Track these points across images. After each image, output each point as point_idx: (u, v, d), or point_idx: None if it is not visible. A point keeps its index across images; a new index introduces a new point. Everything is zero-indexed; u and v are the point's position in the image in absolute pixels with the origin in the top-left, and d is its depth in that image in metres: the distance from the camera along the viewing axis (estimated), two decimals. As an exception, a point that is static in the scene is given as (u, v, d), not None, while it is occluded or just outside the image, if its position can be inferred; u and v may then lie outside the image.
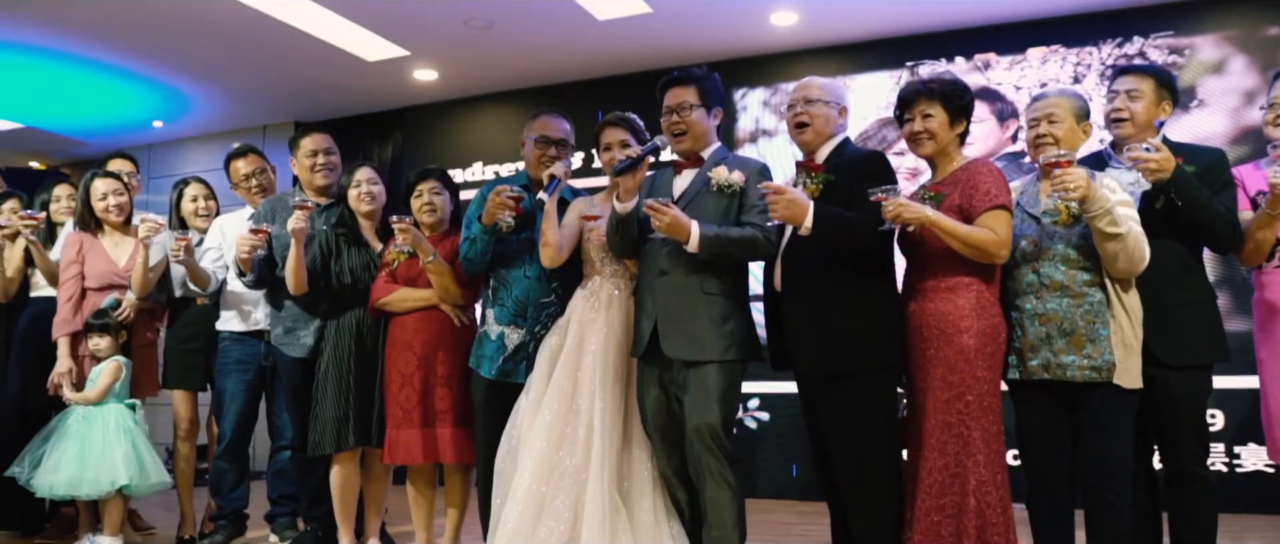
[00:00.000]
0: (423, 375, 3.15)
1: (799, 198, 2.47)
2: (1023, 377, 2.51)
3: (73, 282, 3.73)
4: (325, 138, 3.61)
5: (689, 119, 2.75)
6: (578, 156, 4.99)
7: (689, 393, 2.62)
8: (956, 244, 2.42)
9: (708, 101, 2.77)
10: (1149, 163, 2.45)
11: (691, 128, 2.76)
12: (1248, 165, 2.83)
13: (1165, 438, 2.58)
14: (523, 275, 3.04)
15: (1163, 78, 2.71)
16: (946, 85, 2.63)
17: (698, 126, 2.76)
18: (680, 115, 2.76)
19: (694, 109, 2.75)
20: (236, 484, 3.72)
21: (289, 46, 5.15)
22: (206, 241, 3.82)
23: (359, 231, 3.40)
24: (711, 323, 2.62)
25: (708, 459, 2.59)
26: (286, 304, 3.48)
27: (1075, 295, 2.46)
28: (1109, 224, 2.34)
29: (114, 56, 5.27)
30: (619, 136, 2.92)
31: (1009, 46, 4.87)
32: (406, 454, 3.14)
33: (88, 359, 3.71)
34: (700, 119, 2.76)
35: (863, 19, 4.87)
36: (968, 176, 2.51)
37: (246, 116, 6.58)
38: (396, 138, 6.53)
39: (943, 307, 2.48)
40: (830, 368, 2.52)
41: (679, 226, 2.57)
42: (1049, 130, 2.55)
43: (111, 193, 3.82)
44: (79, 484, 3.43)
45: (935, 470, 2.42)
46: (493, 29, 4.94)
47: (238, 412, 3.67)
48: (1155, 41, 4.62)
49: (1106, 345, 2.42)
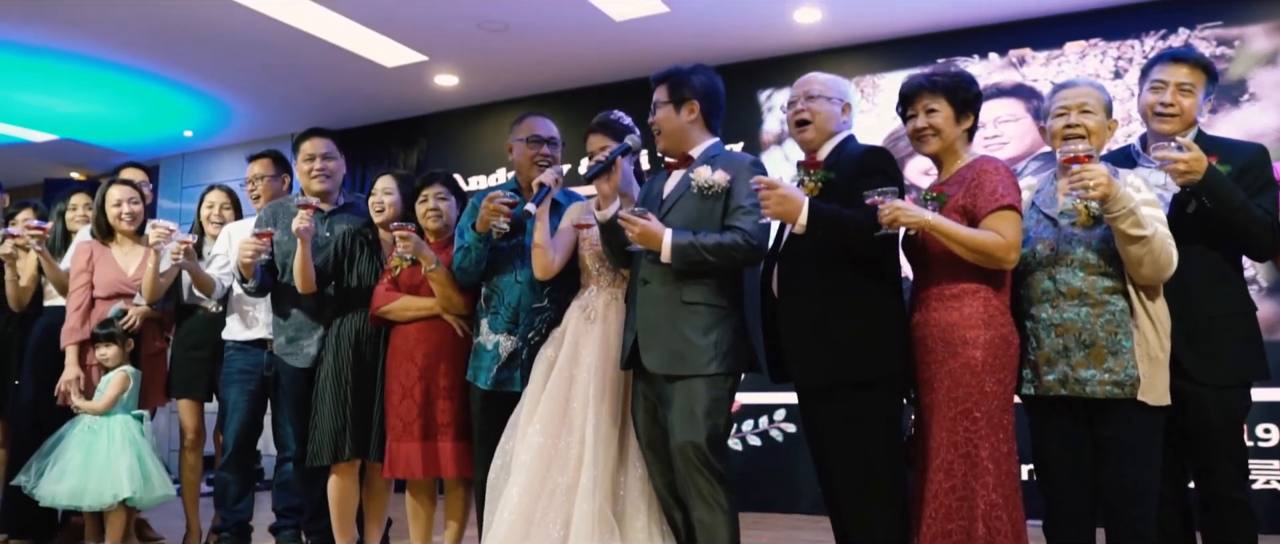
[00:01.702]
0: (424, 387, 3.06)
1: (792, 193, 2.33)
2: (1038, 392, 2.32)
3: (82, 290, 3.73)
4: (325, 143, 3.55)
5: (658, 119, 2.65)
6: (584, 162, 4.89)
7: (672, 409, 2.48)
8: (959, 249, 2.24)
9: (676, 98, 2.63)
10: (1178, 163, 2.24)
11: (662, 126, 2.65)
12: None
13: (1198, 460, 2.36)
14: (514, 281, 2.95)
15: (1214, 73, 2.49)
16: (950, 78, 2.46)
17: (667, 125, 2.64)
18: (652, 115, 2.67)
19: (660, 107, 2.64)
20: (240, 495, 3.67)
21: (311, 55, 5.16)
22: (214, 249, 3.81)
23: (377, 241, 3.34)
24: (693, 334, 2.48)
25: (695, 478, 2.45)
26: (291, 313, 3.43)
27: (1095, 304, 2.26)
28: (1132, 226, 2.15)
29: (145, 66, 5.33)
30: (599, 143, 2.81)
31: (1045, 41, 4.63)
32: (407, 468, 3.06)
33: (96, 368, 3.71)
34: (667, 117, 2.64)
35: (890, 15, 4.68)
36: (973, 175, 2.34)
37: (274, 125, 6.62)
38: (422, 144, 6.51)
39: (948, 316, 2.30)
40: (828, 378, 2.37)
41: (650, 237, 2.45)
42: (1081, 120, 2.33)
43: (126, 200, 3.83)
44: (82, 495, 3.42)
45: (942, 493, 2.23)
46: (508, 32, 4.87)
47: (240, 422, 3.63)
48: (1202, 32, 4.35)
49: (1130, 358, 2.22)
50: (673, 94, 2.63)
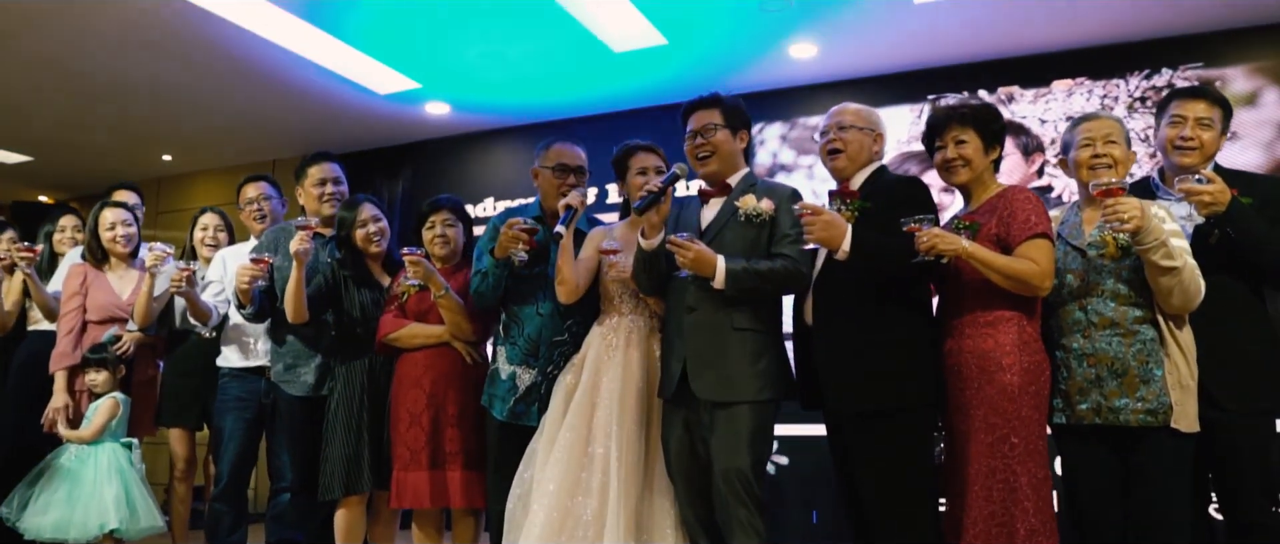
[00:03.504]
0: (432, 415, 3.00)
1: (837, 220, 2.35)
2: (1070, 421, 2.35)
3: (74, 314, 3.62)
4: (334, 166, 3.52)
5: (714, 140, 2.64)
6: (592, 191, 4.88)
7: (717, 435, 2.46)
8: (996, 277, 2.28)
9: (733, 123, 2.66)
10: (1202, 195, 2.30)
11: (718, 149, 2.64)
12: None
13: (1226, 486, 2.40)
14: (536, 312, 2.91)
15: (1230, 109, 2.57)
16: (978, 110, 2.52)
17: (724, 148, 2.65)
18: (705, 137, 2.65)
19: (719, 130, 2.65)
20: (234, 527, 3.55)
21: (299, 78, 5.08)
22: (208, 275, 3.72)
23: (366, 270, 3.28)
24: (744, 361, 2.48)
25: (737, 507, 2.43)
26: (288, 340, 3.36)
27: (1127, 333, 2.30)
28: (1164, 257, 2.19)
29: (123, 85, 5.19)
30: (654, 162, 2.83)
31: (1033, 79, 4.75)
32: (414, 497, 2.99)
33: (85, 394, 3.60)
34: (725, 140, 2.65)
35: (883, 52, 4.76)
36: (1005, 204, 2.38)
37: (256, 150, 6.51)
38: (407, 173, 6.44)
39: (982, 344, 2.32)
40: (866, 406, 2.36)
41: (704, 262, 2.44)
42: (1107, 151, 2.40)
43: (120, 223, 3.74)
44: (67, 527, 3.29)
45: (981, 520, 2.24)
46: (506, 61, 4.86)
47: (236, 451, 3.52)
48: (1184, 73, 4.49)
49: (1161, 387, 2.26)
50: (729, 119, 2.66)
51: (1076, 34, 4.51)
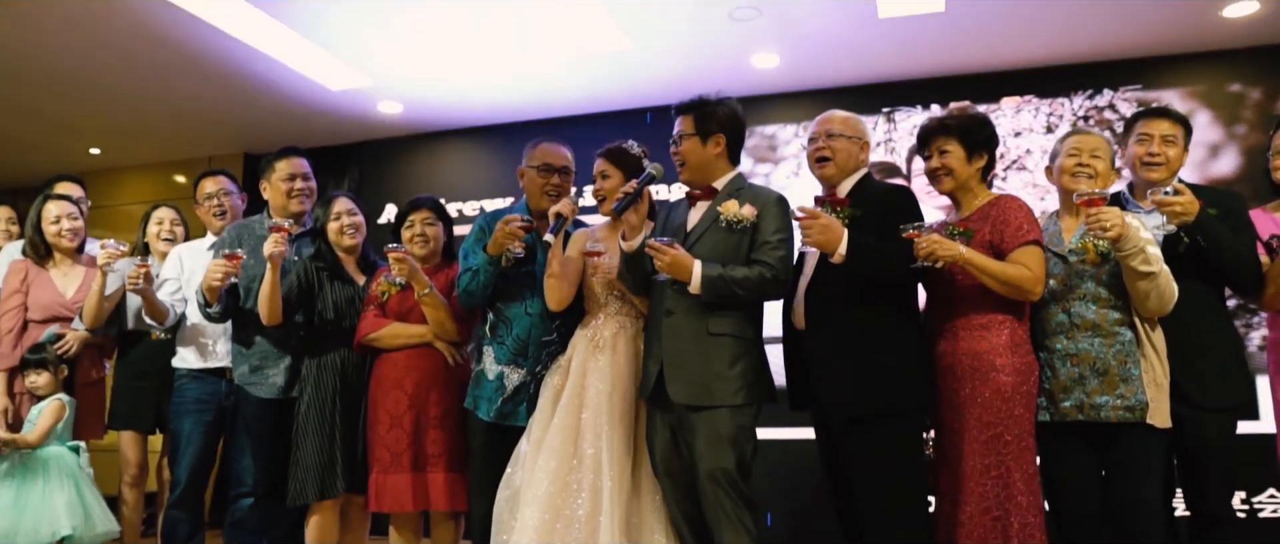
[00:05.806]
0: (414, 416, 2.94)
1: (835, 223, 2.39)
2: (1054, 418, 2.45)
3: (14, 312, 3.44)
4: (303, 162, 3.43)
5: (682, 150, 2.65)
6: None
7: (698, 437, 2.47)
8: (991, 281, 2.36)
9: (703, 129, 2.62)
10: (1174, 206, 2.43)
11: (686, 159, 2.65)
12: (1254, 210, 2.85)
13: (1194, 479, 2.54)
14: (524, 312, 2.88)
15: (1190, 127, 2.72)
16: (963, 120, 2.61)
17: (693, 157, 2.64)
18: (675, 146, 2.67)
19: (685, 139, 2.64)
20: (190, 534, 3.41)
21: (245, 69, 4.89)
22: (164, 272, 3.57)
23: (340, 266, 3.21)
24: (720, 366, 2.48)
25: (724, 503, 2.45)
26: (256, 340, 3.24)
27: (1107, 335, 2.42)
28: (1142, 263, 2.32)
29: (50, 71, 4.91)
30: (598, 168, 2.84)
31: (983, 95, 4.93)
32: (395, 501, 2.92)
33: (25, 397, 3.40)
34: (693, 149, 2.63)
35: (842, 65, 4.87)
36: (998, 212, 2.47)
37: (192, 145, 6.25)
38: (353, 172, 6.29)
39: (976, 345, 2.41)
40: (862, 409, 2.41)
41: (681, 266, 2.46)
42: (1092, 162, 2.53)
43: (65, 216, 3.56)
44: (14, 535, 3.11)
45: (976, 516, 2.32)
46: (464, 61, 4.80)
47: (195, 455, 3.39)
48: (1125, 94, 4.73)
49: (1139, 385, 2.38)
50: (700, 126, 2.63)
51: (1026, 55, 4.72)
